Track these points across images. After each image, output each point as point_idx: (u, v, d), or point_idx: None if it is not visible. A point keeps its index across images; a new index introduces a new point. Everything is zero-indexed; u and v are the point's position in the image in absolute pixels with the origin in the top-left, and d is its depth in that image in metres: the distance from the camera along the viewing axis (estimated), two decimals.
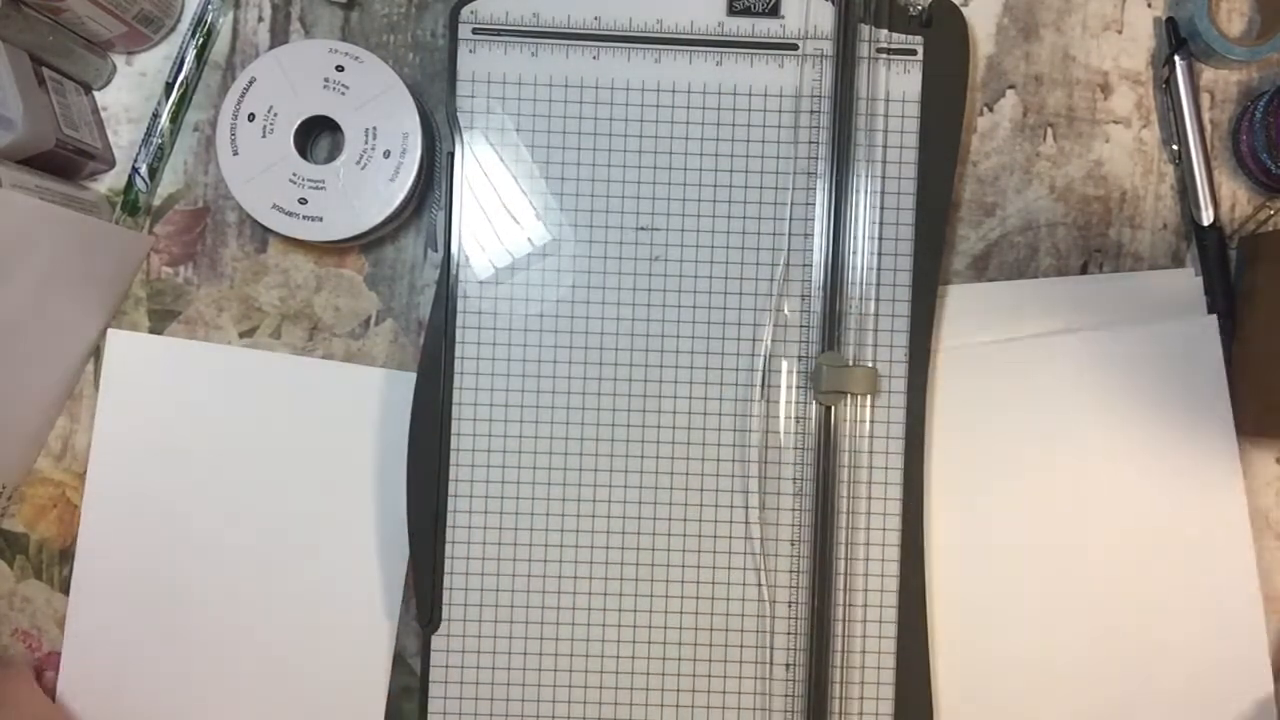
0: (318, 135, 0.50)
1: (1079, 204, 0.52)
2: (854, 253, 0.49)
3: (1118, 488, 0.50)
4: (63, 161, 0.48)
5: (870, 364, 0.48)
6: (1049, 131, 0.52)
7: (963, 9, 0.49)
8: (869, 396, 0.48)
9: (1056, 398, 0.51)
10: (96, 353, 0.51)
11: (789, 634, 0.49)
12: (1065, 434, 0.50)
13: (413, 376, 0.49)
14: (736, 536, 0.49)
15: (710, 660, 0.49)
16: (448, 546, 0.49)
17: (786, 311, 0.49)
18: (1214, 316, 0.50)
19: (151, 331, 0.51)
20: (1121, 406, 0.50)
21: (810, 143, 0.49)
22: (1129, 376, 0.50)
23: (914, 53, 0.49)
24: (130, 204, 0.50)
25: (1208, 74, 0.51)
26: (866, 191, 0.49)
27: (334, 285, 0.51)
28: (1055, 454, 0.51)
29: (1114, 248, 0.52)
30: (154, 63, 0.51)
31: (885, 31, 0.49)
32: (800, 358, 0.49)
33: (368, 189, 0.47)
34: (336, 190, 0.47)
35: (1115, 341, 0.50)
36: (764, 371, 0.49)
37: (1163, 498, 0.50)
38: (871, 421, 0.49)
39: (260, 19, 0.51)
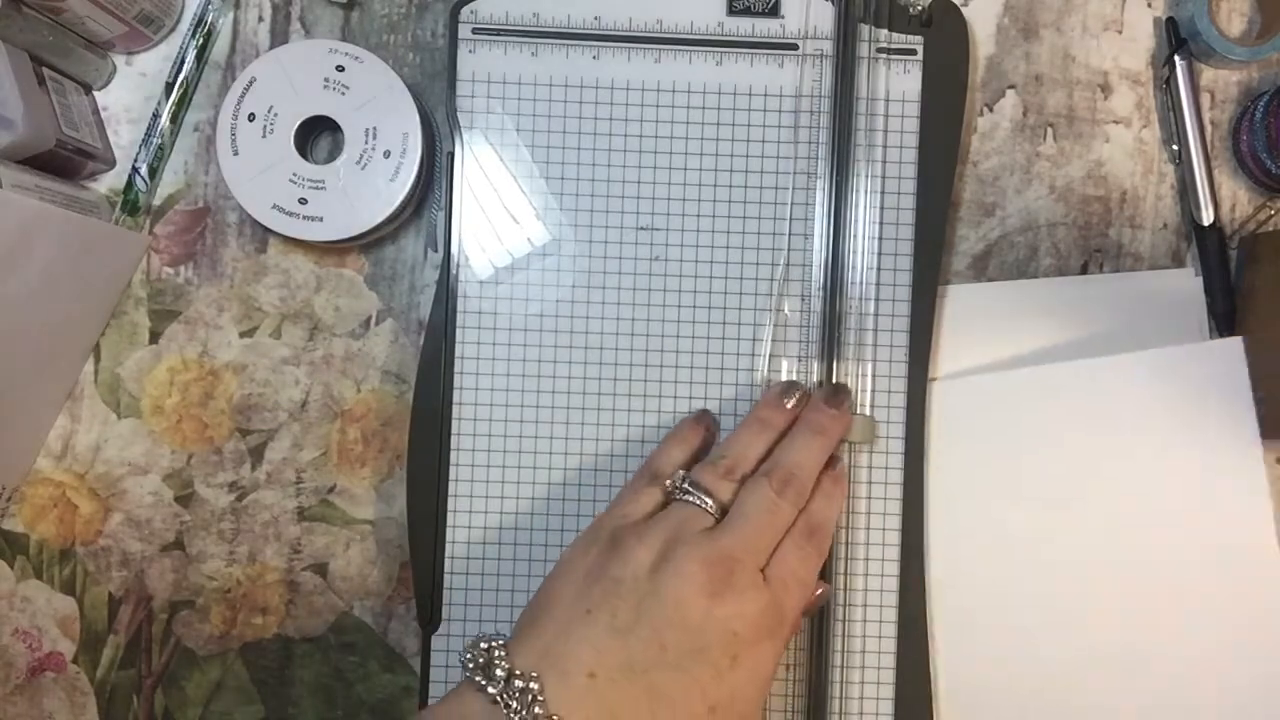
0: (318, 135, 0.50)
1: (1079, 204, 0.52)
2: (854, 253, 0.49)
3: (1117, 488, 0.50)
4: (63, 161, 0.48)
5: (869, 411, 0.48)
6: (1049, 131, 0.52)
7: (963, 9, 0.49)
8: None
9: (1055, 398, 0.50)
10: (96, 352, 0.51)
11: None
12: (1064, 433, 0.50)
13: None
14: None
15: None
16: (448, 546, 0.49)
17: (786, 311, 0.49)
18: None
19: (151, 332, 0.51)
20: (1121, 406, 0.50)
21: (810, 143, 0.49)
22: (1129, 376, 0.50)
23: (914, 53, 0.49)
24: (130, 204, 0.50)
25: (1208, 74, 0.51)
26: (866, 191, 0.49)
27: (334, 285, 0.51)
28: (1054, 454, 0.51)
29: (1114, 248, 0.52)
30: (154, 63, 0.51)
31: (885, 31, 0.49)
32: (800, 358, 0.49)
33: (368, 189, 0.47)
34: (336, 190, 0.47)
35: (1115, 341, 0.50)
36: (764, 371, 0.49)
37: (1163, 498, 0.50)
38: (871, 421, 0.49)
39: (260, 19, 0.51)
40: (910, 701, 0.49)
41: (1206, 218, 0.50)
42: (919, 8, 0.48)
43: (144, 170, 0.50)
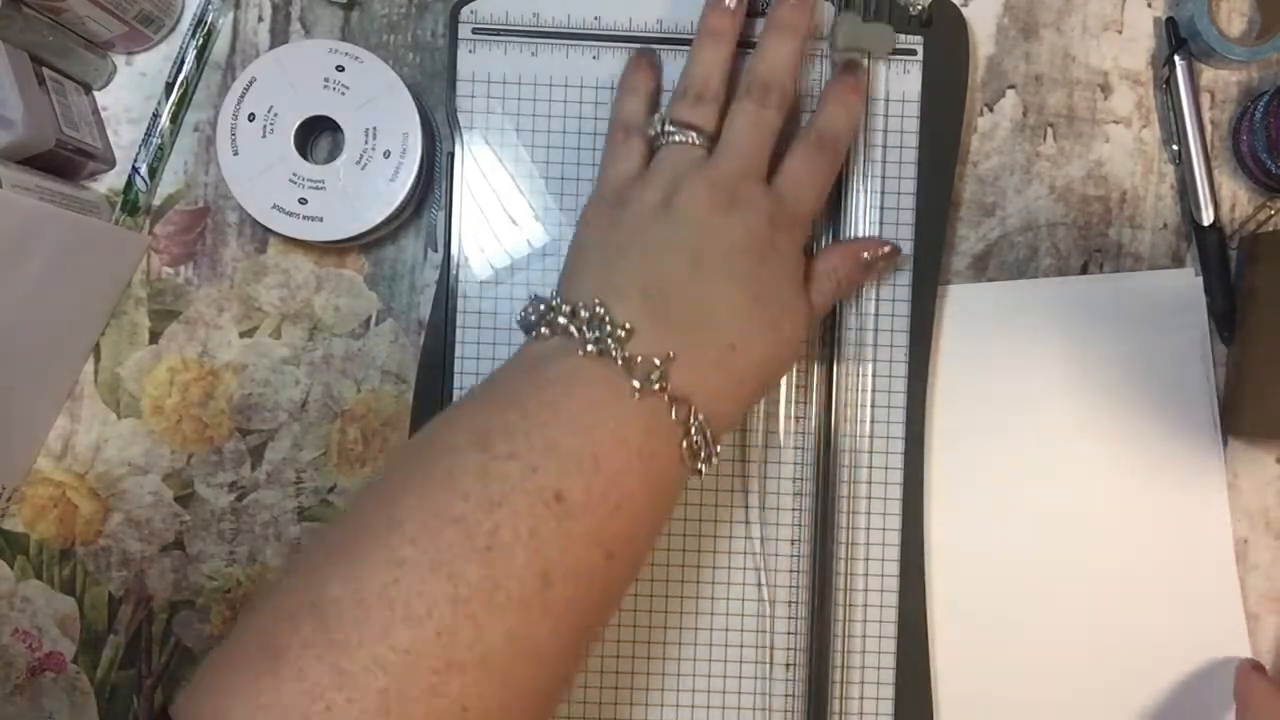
0: (318, 135, 0.50)
1: (1079, 204, 0.52)
2: None
3: (1119, 489, 0.50)
4: (63, 161, 0.48)
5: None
6: (1049, 131, 0.52)
7: (963, 9, 0.50)
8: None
9: (1056, 398, 0.51)
10: (96, 352, 0.51)
11: (789, 634, 0.49)
12: (1066, 434, 0.50)
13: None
14: (736, 536, 0.49)
15: (710, 660, 0.49)
16: None
17: None
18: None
19: (151, 332, 0.51)
20: (1121, 406, 0.50)
21: None
22: (1130, 376, 0.50)
23: (914, 53, 0.49)
24: (130, 204, 0.50)
25: (1208, 74, 0.51)
26: (866, 191, 0.49)
27: (334, 285, 0.51)
28: (1056, 454, 0.51)
29: (1114, 248, 0.52)
30: (154, 63, 0.51)
31: None
32: (799, 356, 0.49)
33: (368, 189, 0.47)
34: (336, 190, 0.47)
35: (1115, 341, 0.50)
36: None
37: (1163, 499, 0.50)
38: (872, 421, 0.49)
39: (260, 19, 0.51)
40: (910, 702, 0.49)
41: (1206, 218, 0.50)
42: (919, 8, 0.48)
43: (144, 170, 0.50)
